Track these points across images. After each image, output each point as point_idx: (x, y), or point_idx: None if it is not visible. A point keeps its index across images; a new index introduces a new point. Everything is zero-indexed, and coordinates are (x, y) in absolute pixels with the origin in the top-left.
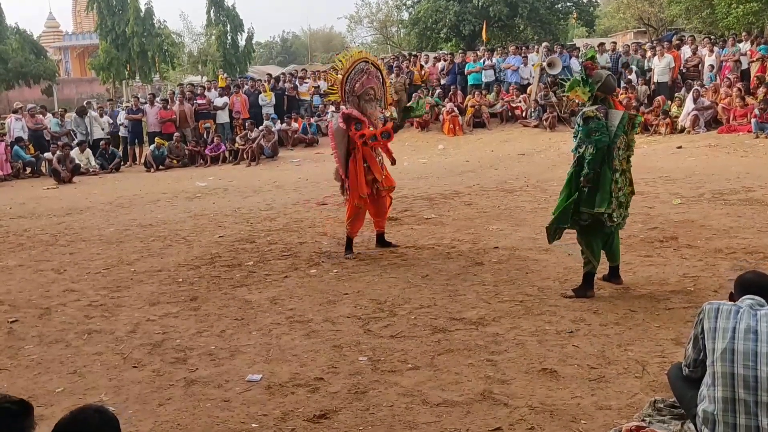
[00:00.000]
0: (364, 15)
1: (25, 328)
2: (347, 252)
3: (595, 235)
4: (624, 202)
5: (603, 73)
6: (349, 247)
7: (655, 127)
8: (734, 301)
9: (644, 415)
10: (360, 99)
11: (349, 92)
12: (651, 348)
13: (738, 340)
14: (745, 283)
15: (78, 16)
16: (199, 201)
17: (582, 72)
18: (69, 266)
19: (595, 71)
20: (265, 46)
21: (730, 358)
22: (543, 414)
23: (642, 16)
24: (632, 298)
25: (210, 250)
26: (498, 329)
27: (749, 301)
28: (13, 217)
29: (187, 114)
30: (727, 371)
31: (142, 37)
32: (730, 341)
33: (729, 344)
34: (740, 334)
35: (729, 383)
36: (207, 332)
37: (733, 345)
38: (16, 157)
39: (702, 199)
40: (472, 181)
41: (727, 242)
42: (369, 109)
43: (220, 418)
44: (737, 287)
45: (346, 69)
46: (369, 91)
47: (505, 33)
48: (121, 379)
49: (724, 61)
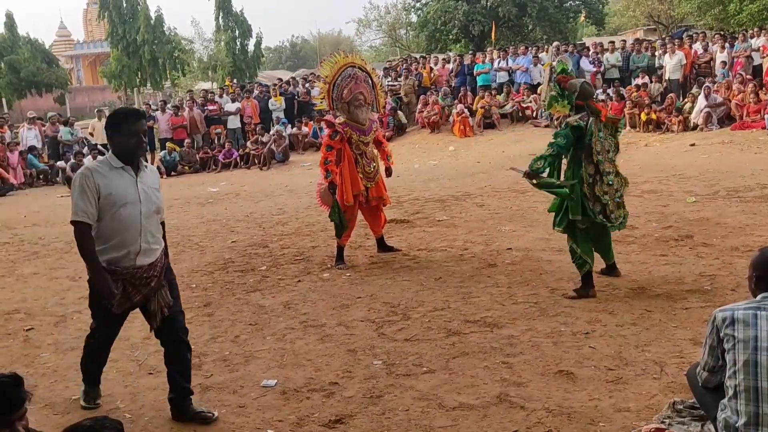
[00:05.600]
0: (373, 18)
1: (41, 336)
2: (338, 262)
3: (586, 236)
4: (622, 202)
5: (577, 82)
6: (340, 257)
7: (668, 125)
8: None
9: (663, 416)
10: (349, 105)
11: (337, 99)
12: (669, 348)
13: (761, 351)
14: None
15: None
16: (211, 206)
17: (555, 87)
18: (84, 274)
19: (569, 82)
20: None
21: (753, 372)
22: (560, 417)
23: (652, 13)
24: (648, 298)
25: (223, 256)
26: (513, 331)
27: None
28: (28, 225)
29: (198, 120)
30: (750, 385)
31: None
32: (753, 352)
33: (752, 356)
34: (764, 343)
35: (753, 397)
36: (221, 338)
37: (756, 357)
38: (30, 165)
39: (717, 197)
40: (484, 182)
41: (743, 240)
42: (360, 115)
43: (236, 424)
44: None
45: (332, 76)
46: (358, 97)
47: (514, 33)
48: (136, 386)
49: (735, 57)
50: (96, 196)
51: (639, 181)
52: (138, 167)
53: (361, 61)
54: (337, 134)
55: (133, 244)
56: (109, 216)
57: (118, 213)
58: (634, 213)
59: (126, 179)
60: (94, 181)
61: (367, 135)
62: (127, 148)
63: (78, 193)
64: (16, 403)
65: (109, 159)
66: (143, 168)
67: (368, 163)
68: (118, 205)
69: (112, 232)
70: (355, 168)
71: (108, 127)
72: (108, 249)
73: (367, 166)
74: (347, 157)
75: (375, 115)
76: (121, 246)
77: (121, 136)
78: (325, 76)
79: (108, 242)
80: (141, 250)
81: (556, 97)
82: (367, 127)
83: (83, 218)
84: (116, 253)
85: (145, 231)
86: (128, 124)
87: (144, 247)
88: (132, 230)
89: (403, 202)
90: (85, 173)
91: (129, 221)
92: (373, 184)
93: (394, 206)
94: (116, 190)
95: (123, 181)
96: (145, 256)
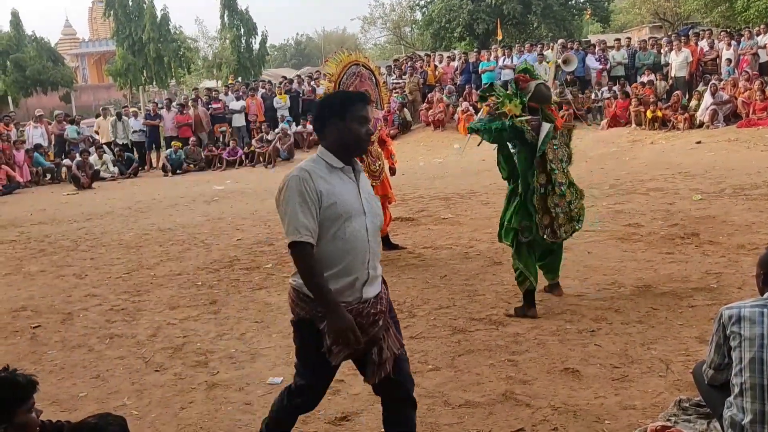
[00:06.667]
0: (378, 16)
1: (47, 334)
2: None
3: (530, 251)
4: (576, 215)
5: (533, 83)
6: None
7: (674, 123)
8: (764, 286)
9: (669, 414)
10: None
11: None
12: (675, 346)
13: (767, 348)
14: None
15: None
16: (216, 204)
17: (512, 85)
18: (90, 271)
19: (527, 83)
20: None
21: (759, 369)
22: (566, 414)
23: (658, 10)
24: (654, 296)
25: (228, 253)
26: (518, 329)
27: None
28: (34, 223)
29: (203, 118)
30: (756, 383)
31: (159, 43)
32: (759, 350)
33: (757, 353)
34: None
35: (759, 395)
36: (227, 335)
37: (762, 355)
38: (36, 163)
39: (723, 195)
40: (489, 180)
41: (750, 238)
42: None
43: (242, 421)
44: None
45: (337, 74)
46: None
47: (519, 31)
48: (143, 383)
49: (741, 54)
50: (317, 207)
51: (645, 179)
52: (355, 168)
53: (365, 59)
54: None
55: (361, 270)
56: (331, 234)
57: (342, 230)
58: (640, 211)
59: (348, 184)
60: (314, 186)
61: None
62: (354, 140)
63: (296, 202)
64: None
65: (323, 157)
66: (359, 169)
67: (373, 161)
68: (343, 218)
69: (335, 255)
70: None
71: (326, 114)
72: (330, 278)
73: (372, 164)
74: None
75: (380, 113)
76: (346, 273)
77: (348, 124)
78: (330, 74)
79: (330, 269)
80: (369, 278)
81: (510, 96)
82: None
83: (307, 238)
84: (340, 283)
85: (372, 253)
86: (356, 108)
87: (371, 275)
88: (359, 252)
89: (408, 200)
90: (302, 176)
91: (355, 240)
92: (378, 182)
93: (399, 204)
94: (341, 199)
95: (345, 186)
96: (372, 285)
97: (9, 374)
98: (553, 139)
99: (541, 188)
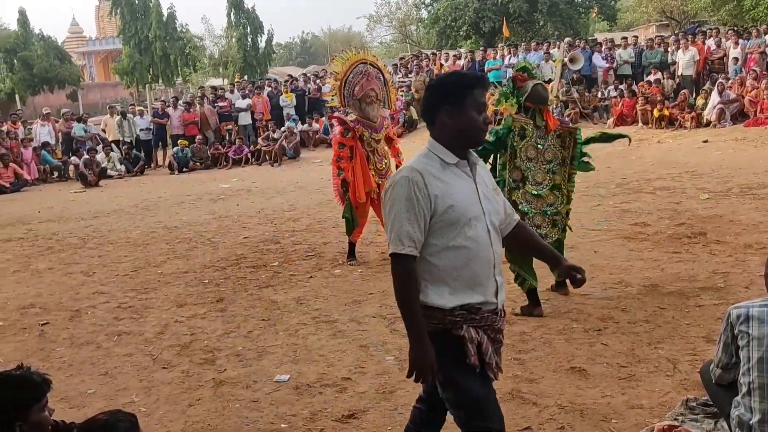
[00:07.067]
0: (384, 14)
1: (56, 331)
2: (350, 258)
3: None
4: (558, 221)
5: (530, 83)
6: (351, 253)
7: (681, 122)
8: None
9: (676, 413)
10: (361, 102)
11: (348, 96)
12: (682, 346)
13: None
14: None
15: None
16: (222, 202)
17: (509, 84)
18: (98, 269)
19: (525, 83)
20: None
21: (767, 369)
22: (573, 413)
23: (664, 9)
24: (661, 295)
25: (235, 251)
26: (525, 328)
27: None
28: (42, 221)
29: (209, 116)
30: (764, 382)
31: (165, 41)
32: (767, 350)
33: (765, 353)
34: None
35: (766, 395)
36: (234, 333)
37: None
38: (44, 161)
39: (730, 194)
40: None
41: (757, 237)
42: (372, 112)
43: (250, 419)
44: None
45: (344, 73)
46: (370, 93)
47: (525, 29)
48: (151, 380)
49: (749, 53)
50: (430, 213)
51: (652, 178)
52: (470, 161)
53: (372, 58)
54: (349, 131)
55: (488, 277)
56: (449, 239)
57: (462, 234)
58: (647, 210)
59: (464, 181)
60: (427, 190)
61: (378, 132)
62: (471, 130)
63: (403, 208)
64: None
65: (435, 151)
66: (475, 161)
67: (380, 160)
68: (462, 222)
69: (458, 263)
70: (366, 165)
71: (439, 100)
72: (459, 289)
73: (379, 162)
74: (359, 154)
75: (387, 112)
76: (474, 281)
77: (465, 111)
78: (337, 73)
79: (457, 278)
80: (498, 285)
81: (507, 94)
82: (378, 124)
83: (410, 250)
84: (471, 294)
85: (497, 257)
86: (475, 93)
87: (500, 281)
88: (484, 258)
89: None
90: (412, 178)
91: (478, 246)
92: (384, 180)
93: None
94: (458, 200)
95: (461, 185)
96: (502, 293)
97: (24, 372)
98: (540, 138)
99: (513, 183)
